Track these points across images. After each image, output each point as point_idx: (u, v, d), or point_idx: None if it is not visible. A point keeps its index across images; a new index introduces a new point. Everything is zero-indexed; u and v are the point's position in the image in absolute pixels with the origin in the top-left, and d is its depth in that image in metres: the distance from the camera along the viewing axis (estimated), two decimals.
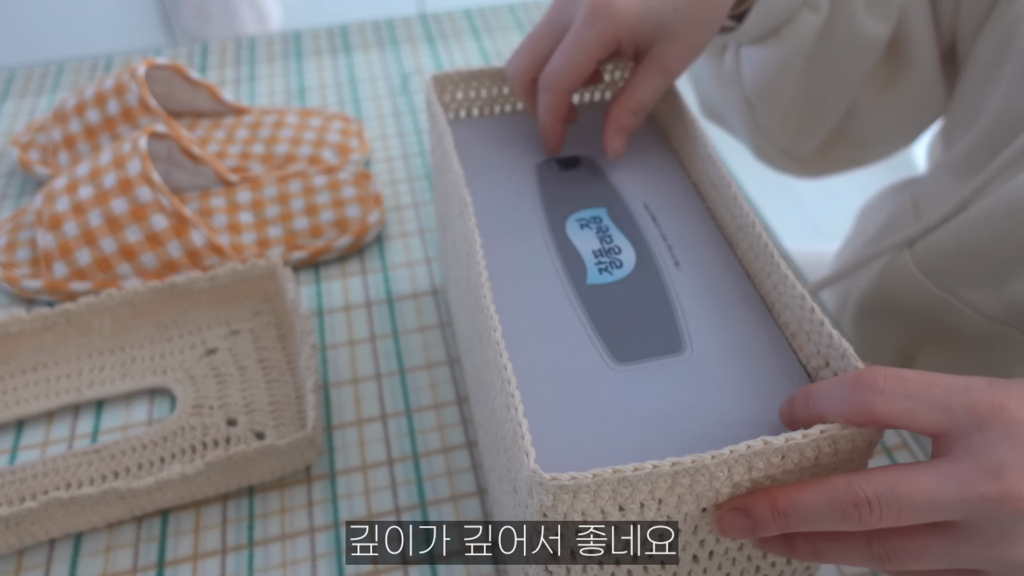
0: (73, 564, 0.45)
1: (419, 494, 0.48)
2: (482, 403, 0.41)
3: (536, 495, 0.29)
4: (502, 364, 0.32)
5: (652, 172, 0.47)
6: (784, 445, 0.29)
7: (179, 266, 0.59)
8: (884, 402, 0.30)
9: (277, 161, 0.68)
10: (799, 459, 0.30)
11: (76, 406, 0.53)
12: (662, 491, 0.30)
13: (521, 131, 0.50)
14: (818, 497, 0.30)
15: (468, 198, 0.39)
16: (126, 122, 0.66)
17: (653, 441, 0.33)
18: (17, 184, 0.70)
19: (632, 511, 0.30)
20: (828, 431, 0.30)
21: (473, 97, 0.50)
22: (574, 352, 0.37)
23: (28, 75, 0.84)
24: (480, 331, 0.37)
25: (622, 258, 0.42)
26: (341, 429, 0.51)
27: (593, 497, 0.29)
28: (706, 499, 0.31)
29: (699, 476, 0.29)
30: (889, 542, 0.30)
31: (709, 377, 0.36)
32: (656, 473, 0.29)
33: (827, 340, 0.34)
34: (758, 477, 0.30)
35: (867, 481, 0.29)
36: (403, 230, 0.65)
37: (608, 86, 0.53)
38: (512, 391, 0.31)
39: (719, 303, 0.39)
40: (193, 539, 0.46)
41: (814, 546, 0.32)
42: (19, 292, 0.59)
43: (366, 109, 0.78)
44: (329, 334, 0.57)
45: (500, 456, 0.37)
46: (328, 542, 0.46)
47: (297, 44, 0.87)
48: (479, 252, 0.37)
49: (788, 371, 0.36)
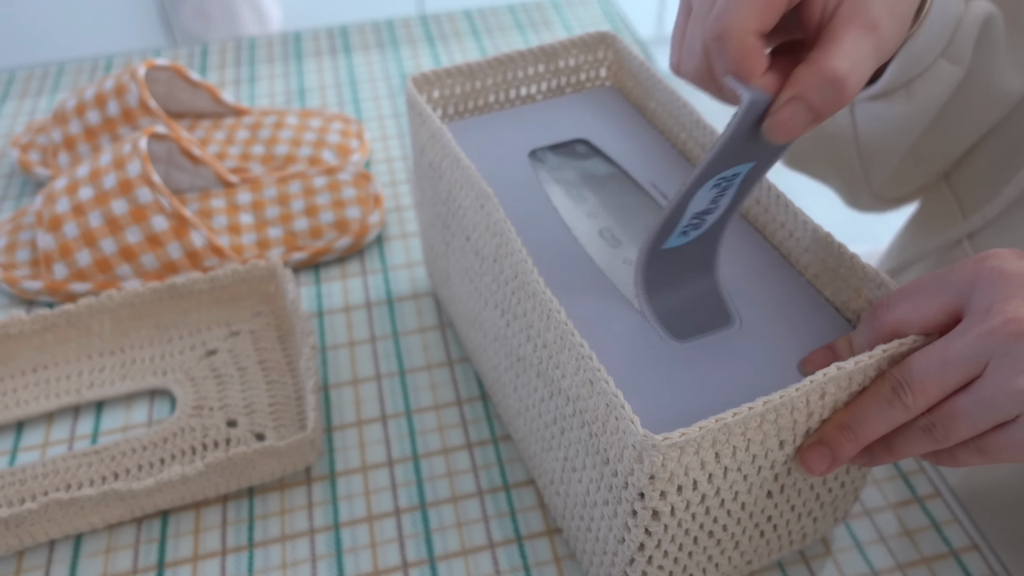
0: (73, 565, 0.45)
1: (419, 495, 0.48)
2: (526, 391, 0.42)
3: (647, 458, 0.31)
4: (577, 343, 0.34)
5: (642, 148, 0.48)
6: (853, 368, 0.32)
7: (179, 267, 0.59)
8: (891, 313, 0.34)
9: (277, 162, 0.68)
10: (863, 379, 0.33)
11: (76, 407, 0.53)
12: (752, 430, 0.32)
13: (504, 126, 0.51)
14: (868, 399, 0.33)
15: (489, 189, 0.40)
16: (126, 123, 0.66)
17: (719, 402, 0.36)
18: (17, 185, 0.70)
19: (726, 456, 0.32)
20: (888, 349, 0.33)
21: (449, 95, 0.51)
22: (633, 332, 0.39)
23: (28, 76, 0.84)
24: (531, 317, 0.38)
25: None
26: (341, 430, 0.51)
27: (696, 450, 0.31)
28: (785, 432, 0.33)
29: (783, 410, 0.32)
30: (931, 412, 0.33)
31: (756, 343, 0.38)
32: (751, 415, 0.31)
33: (860, 274, 0.37)
34: (828, 403, 0.33)
35: (894, 368, 0.33)
36: (403, 231, 0.65)
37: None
38: (596, 366, 0.33)
39: (751, 268, 0.41)
40: (193, 540, 0.46)
41: (888, 445, 0.35)
42: (19, 293, 0.59)
43: (366, 110, 0.78)
44: (329, 335, 0.57)
45: (568, 436, 0.38)
46: (328, 543, 0.46)
47: (297, 45, 0.87)
48: (517, 240, 0.38)
49: (824, 316, 0.39)
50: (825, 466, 0.34)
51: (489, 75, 0.51)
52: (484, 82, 0.51)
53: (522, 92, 0.53)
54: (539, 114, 0.52)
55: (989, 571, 0.44)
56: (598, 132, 0.50)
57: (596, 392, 0.33)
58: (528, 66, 0.52)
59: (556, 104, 0.52)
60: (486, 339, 0.47)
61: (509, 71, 0.51)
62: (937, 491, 0.47)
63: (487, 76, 0.51)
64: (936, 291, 0.33)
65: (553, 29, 0.88)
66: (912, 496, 0.47)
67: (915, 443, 0.34)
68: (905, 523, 0.46)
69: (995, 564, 0.44)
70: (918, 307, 0.33)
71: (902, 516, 0.46)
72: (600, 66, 0.53)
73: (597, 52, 0.53)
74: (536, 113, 0.52)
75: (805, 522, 0.41)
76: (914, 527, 0.46)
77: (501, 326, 0.43)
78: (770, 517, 0.39)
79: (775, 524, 0.39)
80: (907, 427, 0.34)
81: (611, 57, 0.53)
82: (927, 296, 0.33)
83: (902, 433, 0.34)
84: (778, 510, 0.38)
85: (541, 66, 0.52)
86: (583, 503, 0.39)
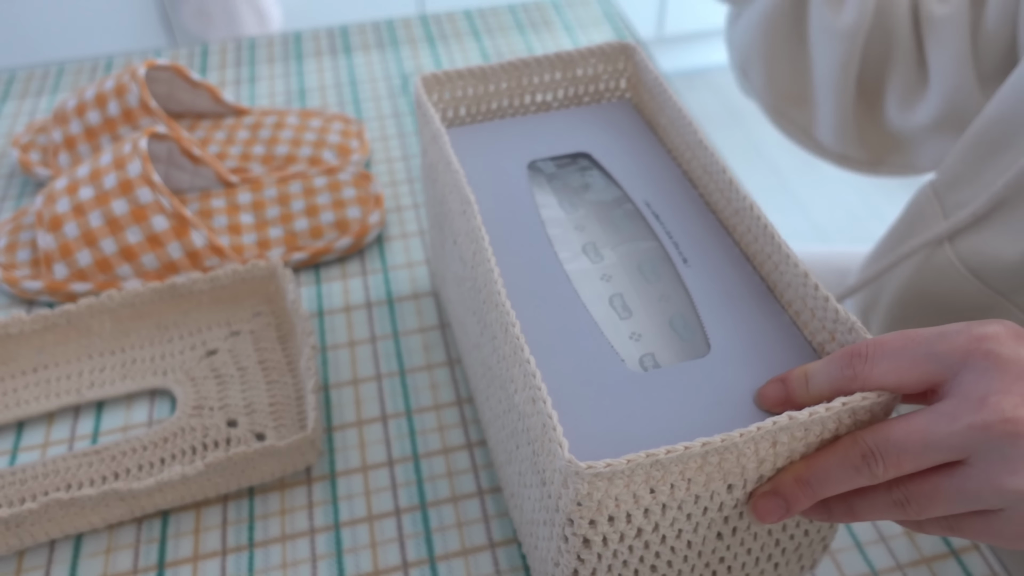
0: (73, 566, 0.45)
1: (419, 495, 0.48)
2: (495, 400, 0.41)
3: (572, 484, 0.30)
4: (524, 359, 0.33)
5: (646, 165, 0.47)
6: (808, 419, 0.31)
7: (179, 267, 0.59)
8: (870, 368, 0.32)
9: (277, 162, 0.68)
10: (820, 431, 0.32)
11: (76, 407, 0.53)
12: (692, 471, 0.31)
13: (510, 132, 0.50)
14: (831, 459, 0.31)
15: (471, 196, 0.40)
16: (126, 123, 0.66)
17: (675, 433, 0.34)
18: (17, 185, 0.70)
19: (663, 493, 0.31)
20: (849, 403, 0.31)
21: (460, 96, 0.50)
22: (601, 353, 0.37)
23: (28, 76, 0.84)
24: (494, 328, 0.37)
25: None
26: (341, 430, 0.51)
27: (627, 482, 0.30)
28: (732, 476, 0.32)
29: (727, 454, 0.31)
30: (906, 487, 0.31)
31: (727, 373, 0.36)
32: (688, 454, 0.30)
33: (832, 316, 0.35)
34: (782, 452, 0.32)
35: (867, 433, 0.31)
36: (403, 231, 0.65)
37: (588, 80, 0.53)
38: (538, 384, 0.32)
39: (730, 298, 0.40)
40: (193, 540, 0.46)
41: (848, 505, 0.33)
42: (19, 293, 0.59)
43: (366, 110, 0.78)
44: (329, 335, 0.57)
45: (521, 451, 0.37)
46: (328, 543, 0.46)
47: (297, 45, 0.87)
48: (488, 250, 0.37)
49: (800, 354, 0.37)
50: (777, 516, 0.33)
51: (503, 79, 0.50)
52: (498, 86, 0.50)
53: (537, 99, 0.52)
54: (549, 123, 0.51)
55: (989, 571, 0.44)
56: (604, 145, 0.49)
57: (535, 411, 0.33)
58: (544, 73, 0.51)
59: (568, 114, 0.51)
60: (469, 344, 0.47)
61: (524, 77, 0.51)
62: None
63: (500, 80, 0.50)
64: (921, 358, 0.31)
65: (554, 30, 0.88)
66: None
67: (883, 511, 0.32)
68: None
69: (995, 564, 0.44)
70: (898, 369, 0.31)
71: None
72: (620, 77, 0.52)
73: (617, 63, 0.52)
74: (546, 122, 0.51)
75: (765, 567, 0.39)
76: None
77: (477, 333, 0.43)
78: (723, 559, 0.37)
79: (729, 566, 0.38)
80: (874, 493, 0.32)
81: (631, 69, 0.52)
82: (911, 361, 0.31)
83: (867, 498, 0.33)
84: (731, 552, 0.37)
85: (558, 73, 0.51)
86: (531, 520, 0.38)
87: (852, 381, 0.32)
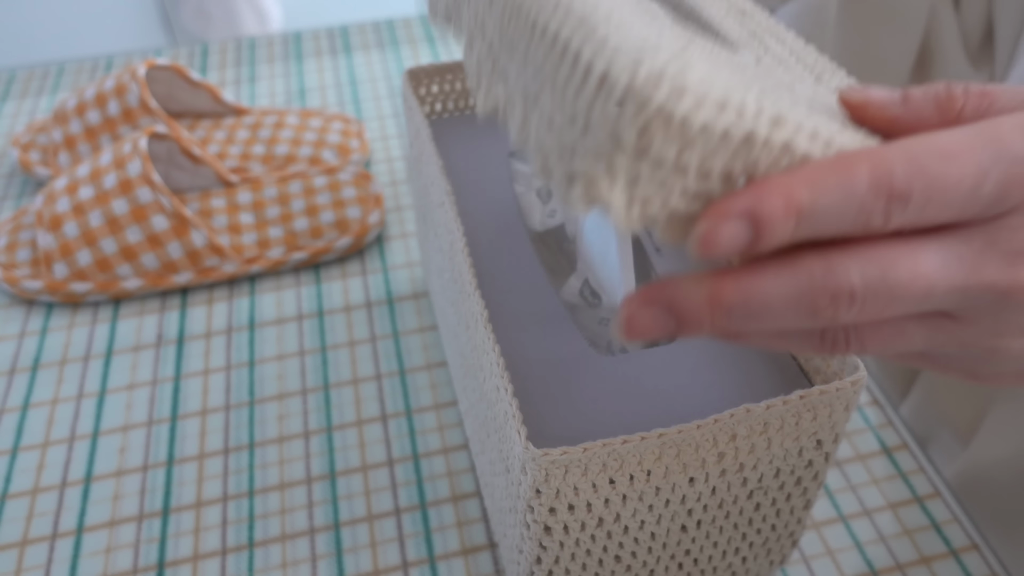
0: (73, 565, 0.45)
1: (419, 495, 0.48)
2: (470, 389, 0.42)
3: (530, 471, 0.30)
4: (490, 347, 0.33)
5: None
6: (766, 412, 0.30)
7: (179, 267, 0.59)
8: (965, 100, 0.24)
9: (277, 162, 0.68)
10: (780, 425, 0.31)
11: None
12: (650, 462, 0.31)
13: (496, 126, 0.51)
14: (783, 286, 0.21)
15: (448, 187, 0.40)
16: (126, 123, 0.66)
17: (641, 420, 0.34)
18: (17, 185, 0.70)
19: (622, 483, 0.31)
20: (807, 396, 0.31)
21: (448, 90, 0.51)
22: (574, 342, 0.38)
23: (28, 76, 0.84)
24: (466, 317, 0.38)
25: None
26: (341, 430, 0.51)
27: (584, 471, 0.30)
28: (693, 468, 0.32)
29: (685, 446, 0.30)
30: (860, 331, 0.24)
31: (694, 357, 0.37)
32: (644, 445, 0.30)
33: None
34: (743, 447, 0.32)
35: (854, 262, 0.21)
36: (403, 231, 0.65)
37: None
38: (502, 372, 0.32)
39: None
40: (193, 540, 0.46)
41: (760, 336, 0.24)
42: (19, 293, 0.59)
43: (366, 110, 0.78)
44: (329, 335, 0.57)
45: (490, 439, 0.37)
46: (328, 543, 0.46)
47: (297, 45, 0.87)
48: (462, 240, 0.38)
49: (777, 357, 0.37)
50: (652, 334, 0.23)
51: None
52: None
53: None
54: None
55: (989, 571, 0.44)
56: None
57: (499, 399, 0.33)
58: None
59: None
60: (450, 335, 0.47)
61: None
62: (937, 491, 0.48)
63: None
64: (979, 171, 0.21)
65: None
66: (912, 496, 0.47)
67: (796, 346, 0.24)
68: (905, 523, 0.46)
69: (995, 564, 0.44)
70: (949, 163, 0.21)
71: (902, 516, 0.46)
72: None
73: None
74: None
75: (732, 560, 0.40)
76: (914, 527, 0.46)
77: (454, 324, 0.43)
78: (688, 551, 0.38)
79: (695, 559, 0.38)
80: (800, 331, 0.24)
81: None
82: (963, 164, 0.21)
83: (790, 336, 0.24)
84: (696, 544, 0.37)
85: None
86: (500, 508, 0.39)
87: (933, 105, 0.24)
